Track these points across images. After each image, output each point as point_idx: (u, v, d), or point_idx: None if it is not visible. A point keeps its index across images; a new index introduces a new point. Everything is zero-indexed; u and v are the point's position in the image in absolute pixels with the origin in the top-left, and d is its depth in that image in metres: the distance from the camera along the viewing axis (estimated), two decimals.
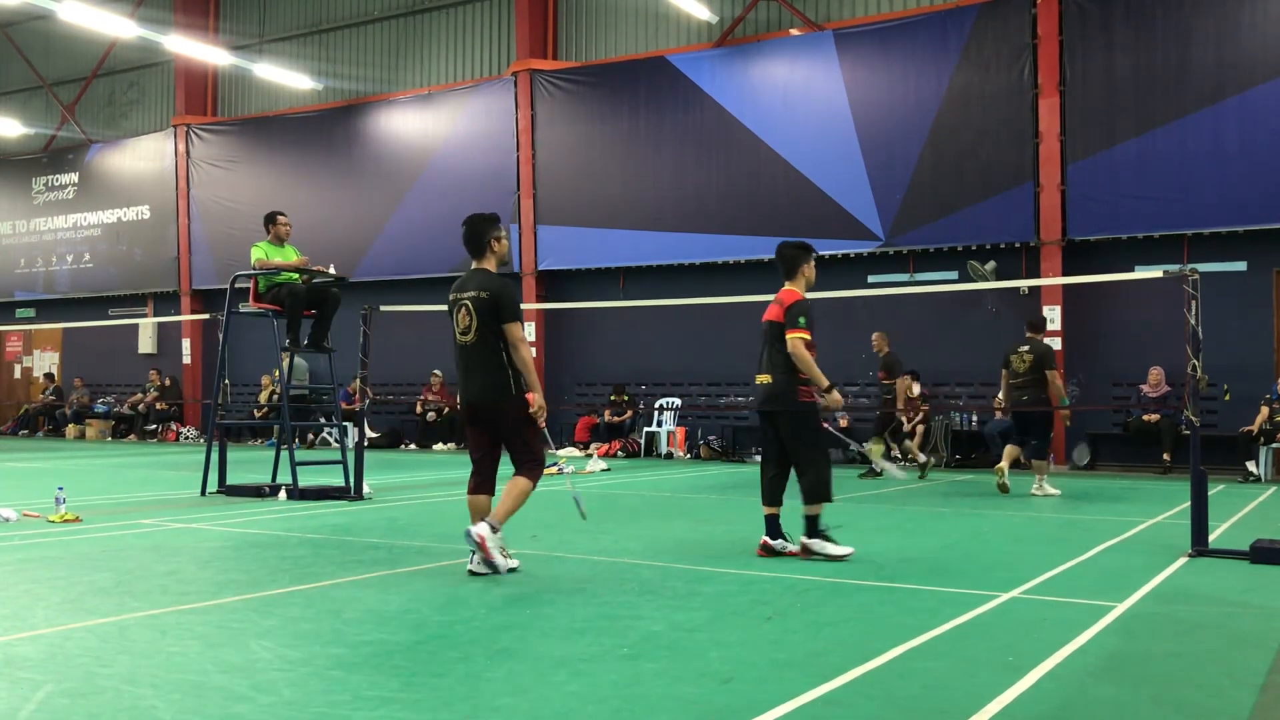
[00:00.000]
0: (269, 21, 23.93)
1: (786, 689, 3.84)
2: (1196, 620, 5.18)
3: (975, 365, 16.43)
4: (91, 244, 25.95)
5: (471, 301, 6.33)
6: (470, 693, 3.80)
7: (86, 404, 24.59)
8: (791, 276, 7.19)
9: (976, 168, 16.42)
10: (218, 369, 11.34)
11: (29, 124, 26.75)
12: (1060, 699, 3.80)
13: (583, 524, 7.85)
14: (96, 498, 10.54)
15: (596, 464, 15.16)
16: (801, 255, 7.23)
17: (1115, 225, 15.57)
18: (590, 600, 5.46)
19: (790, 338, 6.87)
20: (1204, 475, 7.17)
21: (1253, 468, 13.84)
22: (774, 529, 7.02)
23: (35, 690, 3.77)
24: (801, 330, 6.88)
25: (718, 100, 18.44)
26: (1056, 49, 15.91)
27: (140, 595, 5.55)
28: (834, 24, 17.81)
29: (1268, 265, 15.07)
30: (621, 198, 19.19)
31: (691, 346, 18.87)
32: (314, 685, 3.91)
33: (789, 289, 7.12)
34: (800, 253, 7.23)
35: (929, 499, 11.18)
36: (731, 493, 11.89)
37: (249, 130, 23.64)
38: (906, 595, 5.71)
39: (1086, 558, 7.06)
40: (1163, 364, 14.93)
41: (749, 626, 4.90)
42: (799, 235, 17.66)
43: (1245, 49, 14.88)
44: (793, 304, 6.97)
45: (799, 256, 7.21)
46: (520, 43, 20.31)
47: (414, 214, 21.25)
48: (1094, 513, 9.87)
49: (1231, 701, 3.79)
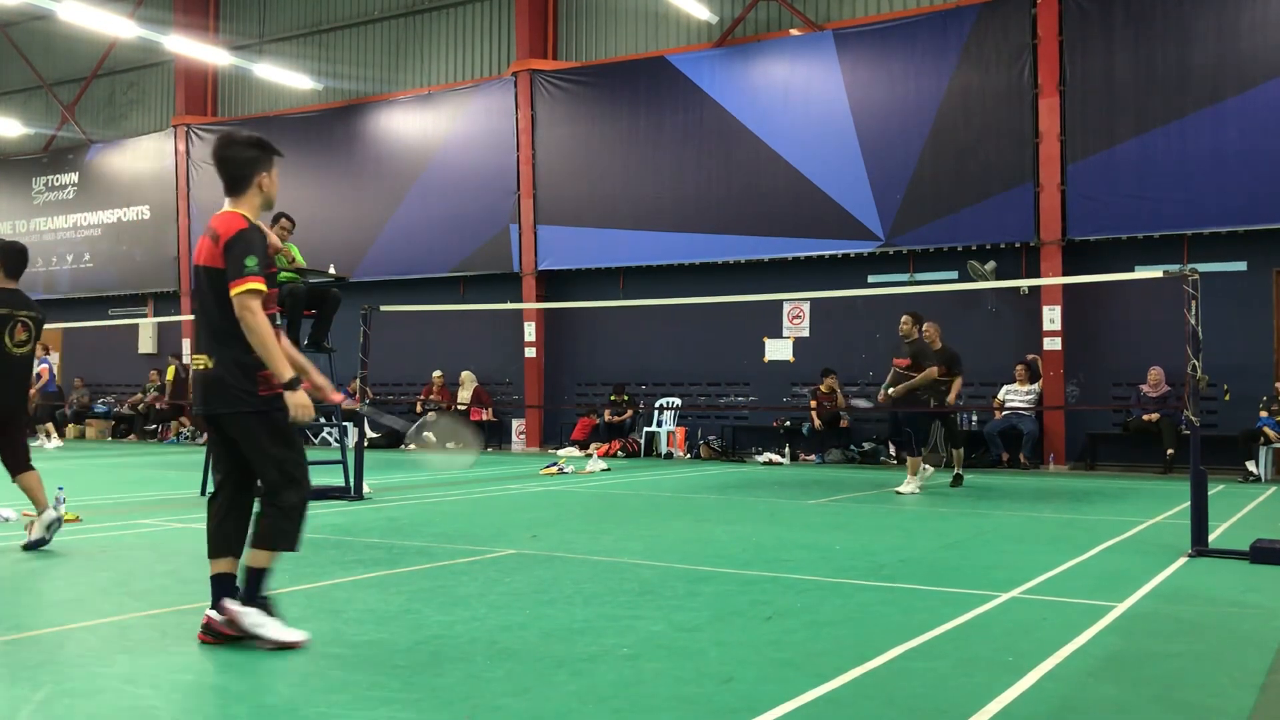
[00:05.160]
0: (269, 21, 23.93)
1: (786, 689, 3.84)
2: (1196, 620, 5.18)
3: (975, 365, 16.37)
4: (91, 244, 25.95)
5: None
6: (470, 693, 3.80)
7: (86, 404, 24.58)
8: (241, 190, 4.67)
9: (976, 168, 16.42)
10: None
11: (29, 124, 26.75)
12: (1060, 699, 3.80)
13: (583, 524, 7.84)
14: (96, 498, 10.54)
15: (596, 464, 15.16)
16: (262, 158, 4.68)
17: (1115, 225, 15.57)
18: (590, 600, 5.46)
19: (236, 293, 4.43)
20: (1204, 475, 7.17)
21: (1253, 468, 13.84)
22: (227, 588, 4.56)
23: (35, 690, 3.77)
24: (254, 279, 4.44)
25: (718, 100, 18.44)
26: (1056, 49, 15.91)
27: (140, 595, 5.55)
28: (834, 24, 17.80)
29: (1268, 265, 15.07)
30: (621, 198, 19.19)
31: (691, 346, 18.87)
32: (314, 685, 3.91)
33: (231, 211, 4.63)
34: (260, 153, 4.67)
35: (929, 499, 11.17)
36: (731, 493, 11.89)
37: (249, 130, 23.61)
38: (906, 595, 5.71)
39: (1086, 558, 7.05)
40: (1163, 364, 14.93)
41: (749, 626, 4.90)
42: (799, 235, 17.97)
43: (1245, 49, 14.87)
44: (236, 236, 4.51)
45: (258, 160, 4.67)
46: (520, 43, 20.31)
47: (414, 214, 21.25)
48: (1094, 513, 9.86)
49: (1231, 701, 3.79)
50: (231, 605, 4.42)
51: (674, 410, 18.66)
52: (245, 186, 4.65)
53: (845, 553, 7.21)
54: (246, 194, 4.66)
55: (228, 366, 4.50)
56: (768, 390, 18.26)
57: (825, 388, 17.04)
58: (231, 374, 4.49)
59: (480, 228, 20.43)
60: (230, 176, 4.66)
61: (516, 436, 20.37)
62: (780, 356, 18.29)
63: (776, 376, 18.28)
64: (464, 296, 20.60)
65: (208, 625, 4.47)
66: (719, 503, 10.89)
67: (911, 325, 11.99)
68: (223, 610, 4.44)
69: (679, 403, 18.75)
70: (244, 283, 4.39)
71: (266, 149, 4.70)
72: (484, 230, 20.39)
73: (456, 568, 6.45)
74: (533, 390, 19.94)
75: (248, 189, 4.65)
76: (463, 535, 7.98)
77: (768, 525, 8.84)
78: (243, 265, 4.42)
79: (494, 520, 9.07)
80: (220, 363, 4.51)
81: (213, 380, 4.53)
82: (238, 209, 4.63)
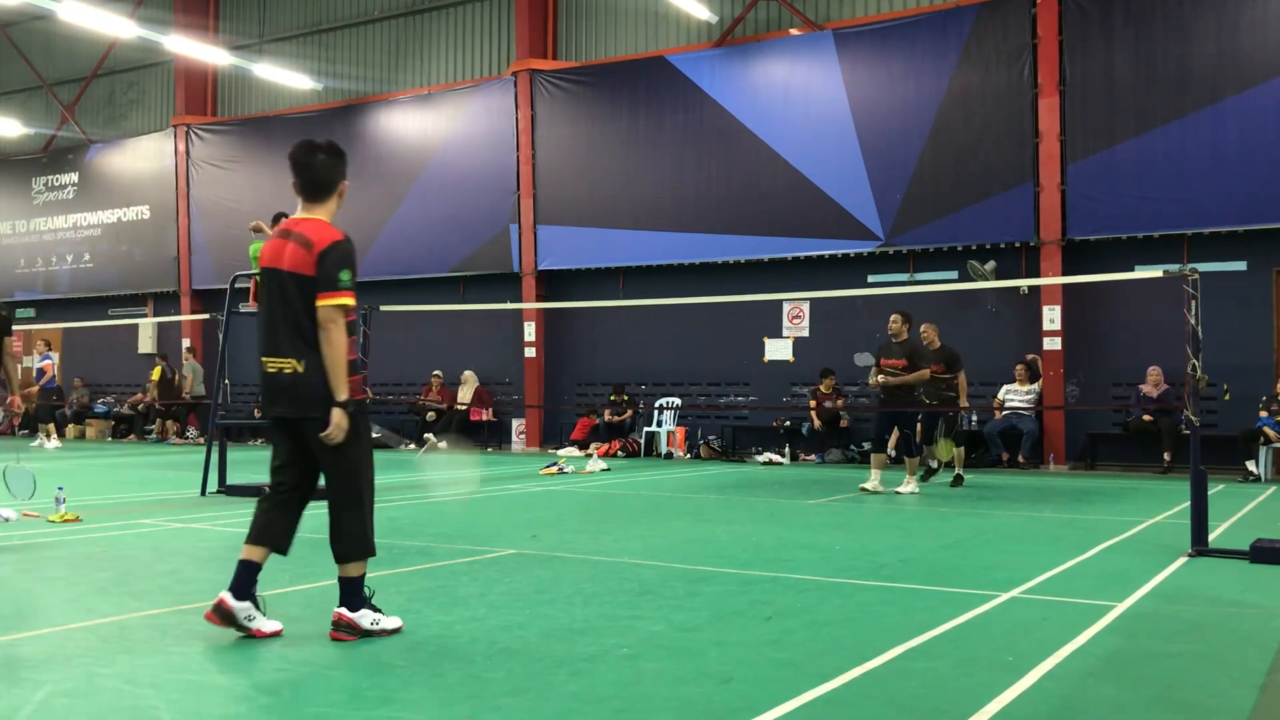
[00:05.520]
0: (269, 21, 23.93)
1: (786, 689, 3.84)
2: (1196, 620, 5.18)
3: (975, 365, 16.37)
4: (91, 244, 25.95)
5: None
6: (470, 693, 3.81)
7: (86, 404, 24.58)
8: (324, 197, 4.74)
9: (976, 168, 16.42)
10: (218, 369, 11.34)
11: (29, 124, 26.75)
12: (1060, 699, 3.80)
13: (583, 524, 7.85)
14: (96, 498, 10.54)
15: (596, 464, 15.16)
16: (342, 165, 4.80)
17: (1115, 225, 15.57)
18: (590, 600, 5.46)
19: (326, 305, 4.52)
20: (1204, 475, 7.18)
21: (1253, 468, 13.84)
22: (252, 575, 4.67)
23: (35, 690, 3.77)
24: (346, 294, 4.57)
25: (718, 100, 18.44)
26: (1056, 49, 15.91)
27: (140, 595, 5.56)
28: (834, 24, 17.80)
29: (1268, 265, 15.06)
30: (621, 198, 19.19)
31: (691, 346, 18.87)
32: (314, 685, 3.92)
33: (319, 220, 4.69)
34: (341, 161, 4.80)
35: (929, 499, 11.17)
36: (731, 493, 11.89)
37: (249, 130, 23.63)
38: (906, 595, 5.71)
39: (1086, 558, 7.05)
40: (1162, 364, 14.93)
41: (749, 626, 4.90)
42: (799, 235, 17.98)
43: (1245, 49, 14.87)
44: (332, 247, 4.58)
45: (340, 167, 4.79)
46: (520, 43, 20.31)
47: (414, 214, 21.25)
48: (1094, 513, 9.86)
49: (1231, 701, 3.79)
50: (348, 614, 4.57)
51: (674, 410, 18.66)
52: (328, 193, 4.74)
53: (845, 553, 7.21)
54: (328, 201, 4.74)
55: (321, 371, 4.55)
56: (767, 390, 18.26)
57: (825, 388, 17.05)
58: (325, 378, 4.55)
59: (480, 228, 20.43)
60: (314, 182, 4.72)
61: (516, 436, 20.37)
62: (780, 356, 18.29)
63: (776, 376, 18.29)
64: (464, 296, 20.60)
65: (219, 605, 4.53)
66: (719, 503, 10.89)
67: (901, 324, 11.73)
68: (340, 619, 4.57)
69: (679, 403, 18.75)
70: (335, 296, 4.49)
71: (345, 157, 4.82)
72: (484, 230, 20.39)
73: (456, 568, 6.45)
74: (533, 390, 19.94)
75: (329, 196, 4.74)
76: (463, 535, 7.98)
77: (768, 525, 8.85)
78: (337, 279, 4.52)
79: (494, 520, 9.08)
80: (313, 367, 4.56)
81: (303, 383, 4.56)
82: (319, 215, 4.70)
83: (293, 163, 4.72)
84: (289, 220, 4.75)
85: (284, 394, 4.61)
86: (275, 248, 4.67)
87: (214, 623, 4.54)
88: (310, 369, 4.56)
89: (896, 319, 11.77)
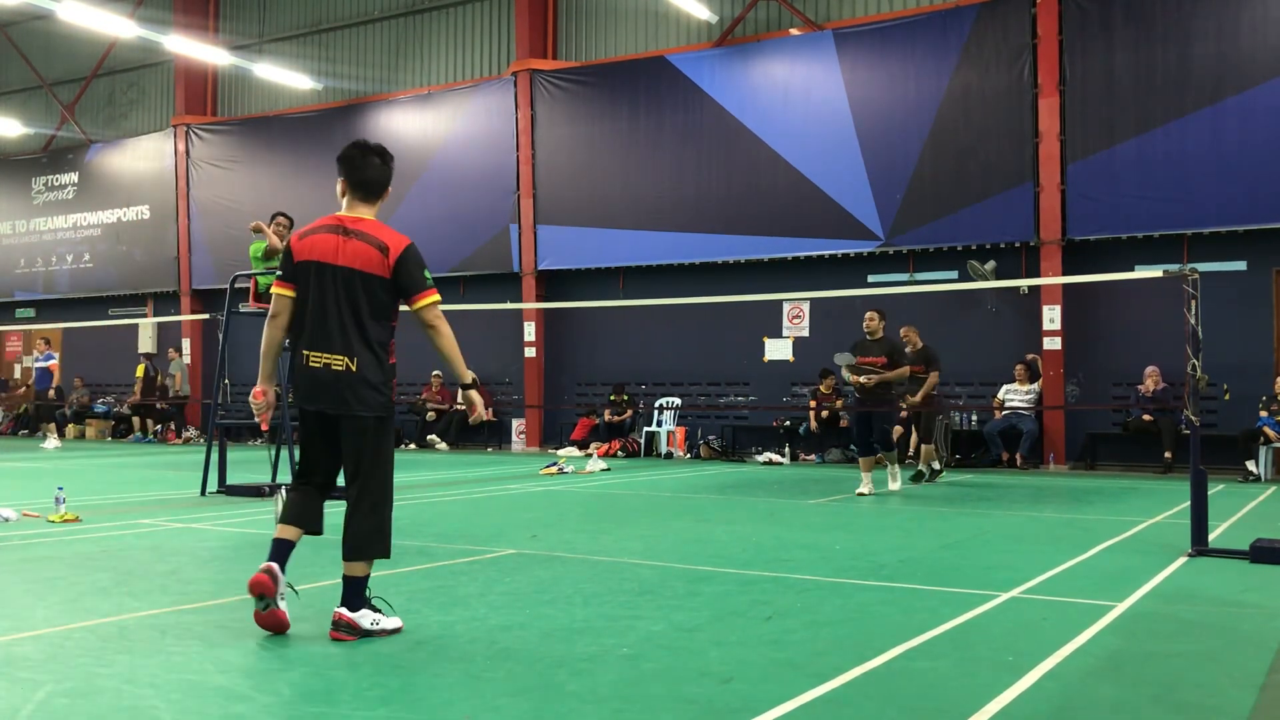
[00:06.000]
0: (269, 21, 23.93)
1: (786, 689, 3.84)
2: (1196, 620, 5.18)
3: (975, 365, 16.44)
4: (91, 244, 25.95)
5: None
6: (470, 693, 3.80)
7: (86, 404, 24.57)
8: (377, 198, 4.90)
9: (976, 168, 16.42)
10: (218, 369, 11.34)
11: (29, 124, 26.75)
12: (1060, 699, 3.80)
13: (583, 524, 7.85)
14: (96, 498, 10.54)
15: (596, 464, 15.16)
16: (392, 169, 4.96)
17: (1115, 225, 15.58)
18: (590, 600, 5.46)
19: (425, 304, 4.79)
20: (1204, 475, 7.17)
21: (1253, 467, 13.84)
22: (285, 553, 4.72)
23: (35, 690, 3.77)
24: (435, 290, 4.86)
25: (718, 100, 18.44)
26: (1056, 49, 15.91)
27: (140, 595, 5.55)
28: (834, 24, 17.81)
29: (1268, 265, 15.07)
30: (621, 198, 19.20)
31: (691, 346, 18.87)
32: (314, 685, 3.92)
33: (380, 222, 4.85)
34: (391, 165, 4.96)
35: (929, 499, 11.17)
36: (731, 493, 11.89)
37: (249, 130, 23.64)
38: (906, 595, 5.71)
39: (1086, 558, 7.05)
40: (1162, 364, 14.94)
41: (749, 626, 4.89)
42: (799, 235, 17.98)
43: (1245, 49, 14.88)
44: (409, 250, 4.76)
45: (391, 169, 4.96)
46: (520, 43, 20.31)
47: (414, 214, 21.21)
48: (1094, 513, 9.86)
49: (1231, 701, 3.78)
50: (348, 614, 4.58)
51: (674, 410, 18.67)
52: (381, 194, 4.92)
53: (845, 553, 7.21)
54: (379, 202, 4.92)
55: (372, 370, 4.70)
56: (767, 390, 18.26)
57: (825, 388, 17.05)
58: (375, 377, 4.71)
59: (480, 228, 20.43)
60: (371, 183, 4.85)
61: (516, 436, 20.38)
62: (780, 356, 18.29)
63: (776, 376, 18.29)
64: (464, 296, 20.60)
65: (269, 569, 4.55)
66: (719, 503, 10.89)
67: (878, 322, 11.58)
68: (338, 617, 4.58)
69: (679, 402, 18.76)
70: (430, 294, 4.79)
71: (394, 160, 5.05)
72: (484, 230, 20.40)
73: (456, 568, 6.45)
74: (533, 390, 19.94)
75: (381, 197, 4.92)
76: (463, 535, 7.98)
77: (768, 525, 8.84)
78: (424, 279, 4.78)
79: (494, 520, 9.07)
80: (365, 365, 4.69)
81: (354, 381, 4.66)
82: (370, 215, 4.83)
83: (347, 162, 4.86)
84: (343, 217, 4.79)
85: (327, 389, 4.66)
86: (330, 243, 4.70)
87: (262, 587, 4.51)
88: (362, 367, 4.67)
89: (873, 316, 11.65)
